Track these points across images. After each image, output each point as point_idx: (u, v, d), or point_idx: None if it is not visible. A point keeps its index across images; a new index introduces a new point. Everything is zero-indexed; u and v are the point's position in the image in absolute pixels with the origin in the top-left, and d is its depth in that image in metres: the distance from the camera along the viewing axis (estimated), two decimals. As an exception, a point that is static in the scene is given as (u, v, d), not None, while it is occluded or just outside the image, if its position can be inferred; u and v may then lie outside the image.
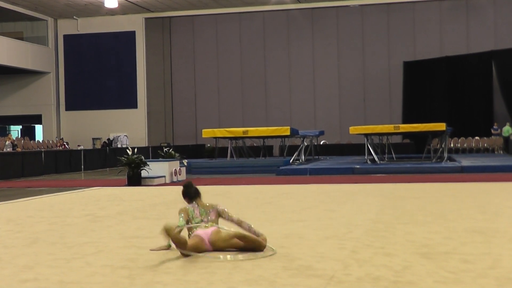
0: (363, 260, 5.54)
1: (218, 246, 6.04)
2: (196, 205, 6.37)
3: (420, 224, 7.81)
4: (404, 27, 36.27)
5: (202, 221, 6.22)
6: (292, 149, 27.17)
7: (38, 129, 39.98)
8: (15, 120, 39.13)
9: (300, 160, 24.36)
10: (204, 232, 6.09)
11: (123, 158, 16.71)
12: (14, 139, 31.16)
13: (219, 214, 6.33)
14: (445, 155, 22.72)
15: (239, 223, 6.22)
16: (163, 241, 6.07)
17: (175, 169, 17.81)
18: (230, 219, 6.26)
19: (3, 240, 7.27)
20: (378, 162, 22.16)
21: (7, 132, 37.45)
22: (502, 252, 5.80)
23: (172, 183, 17.15)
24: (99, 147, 34.92)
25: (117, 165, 18.35)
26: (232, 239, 6.01)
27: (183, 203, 6.59)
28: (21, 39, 36.36)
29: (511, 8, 34.83)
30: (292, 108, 37.36)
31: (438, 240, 6.52)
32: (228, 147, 25.21)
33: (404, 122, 32.63)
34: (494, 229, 7.22)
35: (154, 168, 16.98)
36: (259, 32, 38.20)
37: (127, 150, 17.30)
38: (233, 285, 4.70)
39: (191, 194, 6.48)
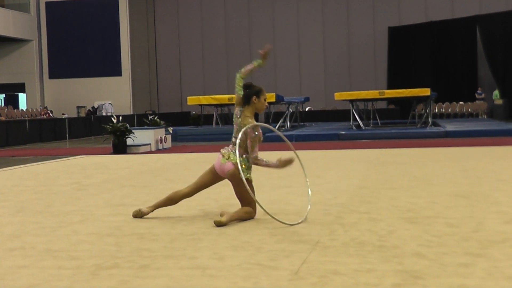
0: (348, 225, 5.59)
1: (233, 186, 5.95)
2: (240, 114, 6.01)
3: (404, 189, 7.87)
4: (389, -9, 36.13)
5: (234, 137, 5.97)
6: (278, 115, 27.18)
7: (22, 97, 39.62)
8: (-2, 88, 38.77)
9: (286, 127, 24.38)
10: (220, 166, 5.98)
11: (108, 126, 16.64)
12: (-2, 108, 30.92)
13: (247, 135, 5.88)
14: (430, 120, 22.83)
15: (255, 159, 5.85)
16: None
17: (160, 137, 17.78)
18: (249, 151, 5.86)
19: (-12, 209, 7.26)
20: (363, 128, 22.24)
21: (-10, 101, 37.14)
22: (485, 216, 5.87)
23: (158, 150, 17.13)
24: (84, 115, 34.74)
25: (102, 133, 18.29)
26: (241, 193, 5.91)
27: (169, 172, 6.59)
28: (3, 6, 35.81)
29: (496, -28, 34.73)
30: (277, 75, 37.27)
31: (422, 205, 6.59)
32: (213, 114, 25.16)
33: (389, 87, 32.69)
34: (477, 193, 7.29)
35: (140, 136, 16.93)
36: (244, -2, 37.90)
37: (112, 118, 17.21)
38: (219, 251, 4.74)
39: (243, 96, 6.05)
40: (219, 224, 5.66)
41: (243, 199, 5.97)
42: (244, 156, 5.91)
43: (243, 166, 5.87)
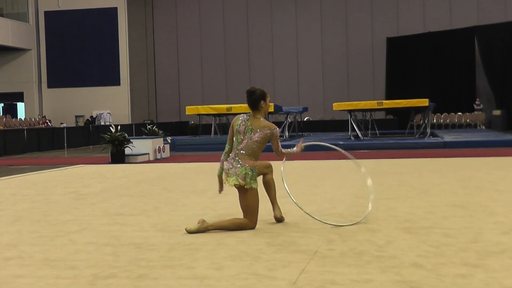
0: (346, 235, 5.58)
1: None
2: (247, 119, 6.01)
3: (402, 199, 7.87)
4: (388, 2, 36.20)
5: (242, 141, 5.94)
6: (276, 125, 27.16)
7: (20, 106, 39.62)
8: (-3, 98, 38.76)
9: (284, 137, 24.38)
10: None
11: (106, 135, 16.62)
12: (-4, 117, 30.88)
13: (269, 138, 5.96)
14: (428, 130, 22.83)
15: (282, 155, 6.12)
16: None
17: (158, 146, 17.77)
18: (276, 149, 6.03)
19: (-14, 218, 7.24)
20: (362, 138, 22.24)
21: (-11, 110, 37.11)
22: (483, 226, 5.87)
23: (156, 160, 17.12)
24: (82, 124, 34.71)
25: (100, 142, 18.24)
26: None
27: (167, 181, 6.59)
28: (1, 15, 35.86)
29: (493, -16, 34.86)
30: (276, 85, 37.31)
31: (420, 215, 6.59)
32: (212, 124, 25.18)
33: (387, 98, 32.72)
34: (475, 204, 7.29)
35: (138, 146, 16.92)
36: (242, 7, 38.00)
37: (110, 128, 17.21)
38: (217, 261, 4.73)
39: (249, 103, 6.05)
40: (188, 231, 5.80)
41: (246, 209, 5.97)
42: (248, 166, 5.90)
43: (247, 177, 5.89)
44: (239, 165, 5.89)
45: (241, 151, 5.95)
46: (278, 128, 6.05)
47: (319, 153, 18.27)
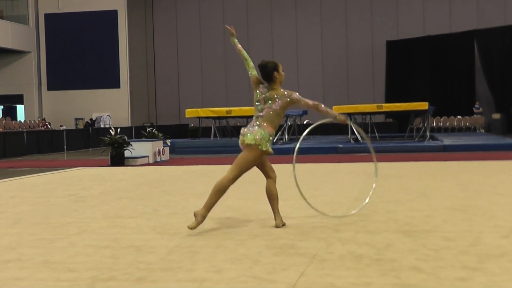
0: (346, 239, 5.58)
1: None
2: (266, 90, 6.19)
3: (402, 202, 7.87)
4: (387, 5, 36.23)
5: (262, 109, 6.09)
6: (277, 126, 27.12)
7: (20, 109, 39.62)
8: (-4, 100, 38.75)
9: (284, 140, 24.38)
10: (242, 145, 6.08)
11: (106, 138, 16.62)
12: (-4, 119, 30.85)
13: (289, 105, 6.14)
14: (428, 134, 22.82)
15: (315, 107, 6.16)
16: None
17: (158, 149, 17.77)
18: (307, 106, 6.14)
19: (-15, 220, 7.23)
20: (361, 141, 22.24)
21: (-12, 113, 37.09)
22: (482, 230, 5.87)
23: (156, 163, 17.11)
24: (82, 127, 34.70)
25: (100, 145, 18.26)
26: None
27: (167, 184, 6.59)
28: (1, 17, 35.87)
29: (493, -13, 34.89)
30: (276, 88, 37.31)
31: (419, 218, 6.58)
32: (211, 127, 25.18)
33: (387, 101, 32.71)
34: (475, 207, 7.29)
35: (137, 148, 16.91)
36: (242, 10, 38.03)
37: (110, 130, 17.20)
38: (216, 264, 4.73)
39: (264, 77, 6.24)
40: (190, 228, 5.83)
41: (238, 163, 6.02)
42: (266, 130, 6.02)
43: (263, 139, 5.97)
44: (257, 127, 6.00)
45: (261, 119, 6.07)
46: (296, 93, 6.20)
47: (319, 155, 18.28)
